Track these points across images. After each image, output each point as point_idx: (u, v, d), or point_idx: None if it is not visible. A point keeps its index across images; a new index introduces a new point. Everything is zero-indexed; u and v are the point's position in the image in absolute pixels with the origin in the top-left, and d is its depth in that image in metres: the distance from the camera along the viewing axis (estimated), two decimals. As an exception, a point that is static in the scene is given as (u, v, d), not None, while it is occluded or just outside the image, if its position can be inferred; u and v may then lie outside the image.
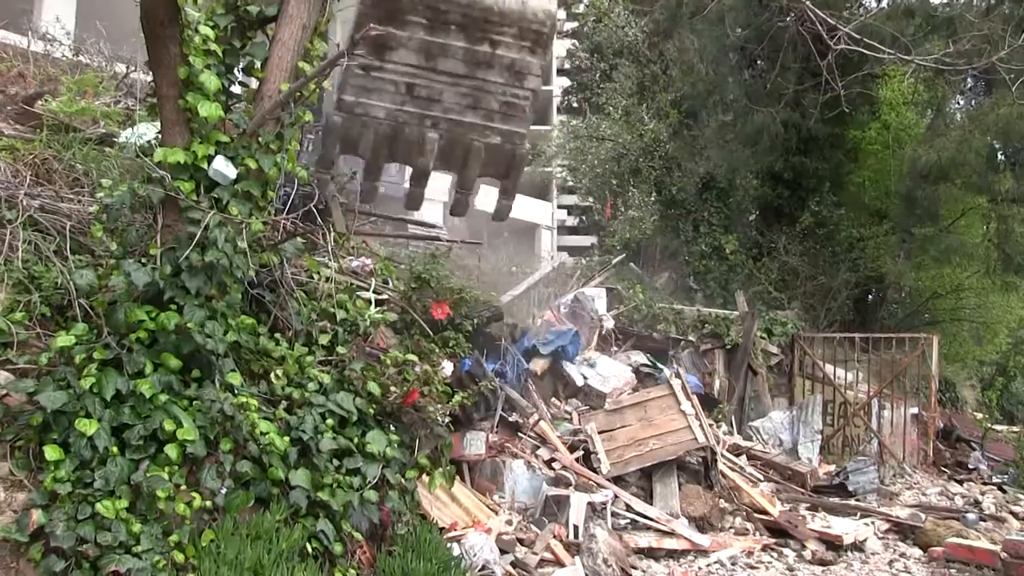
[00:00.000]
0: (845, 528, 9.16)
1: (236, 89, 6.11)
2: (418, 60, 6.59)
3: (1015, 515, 10.78)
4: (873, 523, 9.64)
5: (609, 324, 12.29)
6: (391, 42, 6.40)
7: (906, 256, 17.55)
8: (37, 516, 4.57)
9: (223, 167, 5.54)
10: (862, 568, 8.42)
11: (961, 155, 15.19)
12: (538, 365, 10.14)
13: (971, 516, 10.03)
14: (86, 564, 4.57)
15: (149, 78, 6.18)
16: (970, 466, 13.72)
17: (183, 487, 5.05)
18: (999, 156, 17.27)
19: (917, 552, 8.98)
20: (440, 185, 27.77)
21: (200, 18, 5.71)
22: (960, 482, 12.76)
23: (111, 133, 7.81)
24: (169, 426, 5.07)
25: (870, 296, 19.54)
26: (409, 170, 7.69)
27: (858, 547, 8.94)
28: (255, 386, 5.92)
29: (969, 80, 17.45)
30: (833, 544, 8.83)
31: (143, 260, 5.40)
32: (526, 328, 10.27)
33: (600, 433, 9.49)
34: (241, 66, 5.99)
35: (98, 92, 8.75)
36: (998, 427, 17.42)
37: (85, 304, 5.44)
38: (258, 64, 5.99)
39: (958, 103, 19.25)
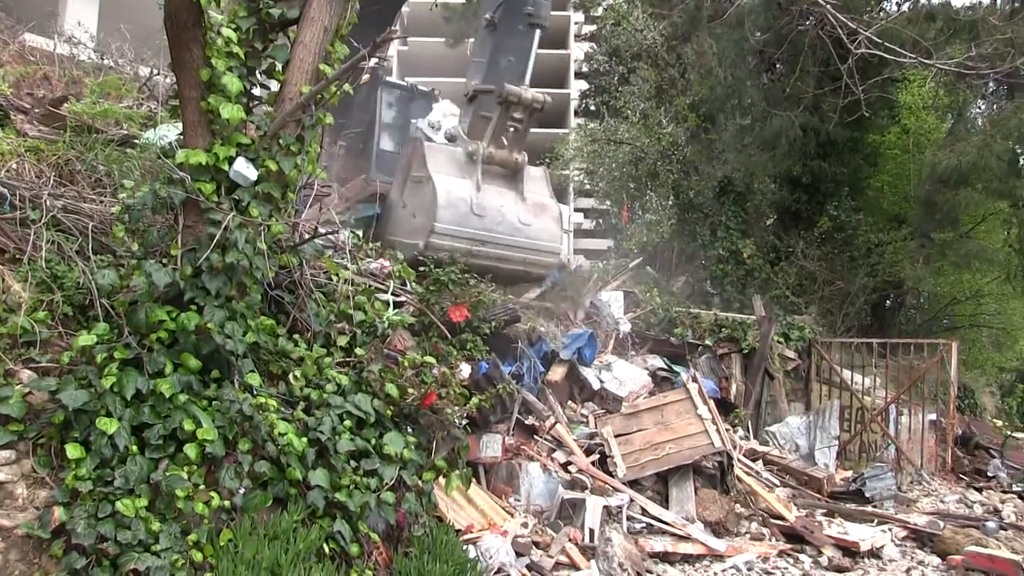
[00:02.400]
0: (862, 535, 9.10)
1: (258, 92, 6.14)
2: None
3: (1035, 524, 10.68)
4: (890, 530, 9.56)
5: (625, 328, 12.27)
6: None
7: (925, 261, 17.47)
8: (59, 513, 4.63)
9: (244, 169, 5.58)
10: (879, 575, 8.38)
11: (982, 160, 15.09)
12: (556, 373, 10.13)
13: (991, 525, 9.93)
14: (106, 562, 4.61)
15: (172, 80, 6.24)
16: (989, 474, 13.59)
17: (202, 487, 5.09)
18: (1021, 161, 17.17)
19: (935, 560, 8.89)
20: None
21: (222, 21, 5.77)
22: (979, 490, 12.64)
23: (133, 135, 7.88)
24: (188, 426, 5.11)
25: (888, 301, 19.44)
26: None
27: (875, 554, 8.88)
28: (274, 387, 5.96)
29: (991, 84, 17.37)
30: (850, 551, 8.77)
31: (164, 261, 5.45)
32: (543, 333, 10.26)
33: (616, 437, 9.48)
34: (263, 68, 6.03)
35: (121, 94, 8.83)
36: (1018, 434, 17.23)
37: (106, 304, 5.49)
38: (279, 67, 6.02)
39: (979, 107, 19.16)
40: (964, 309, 19.20)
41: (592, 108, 33.64)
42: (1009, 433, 16.96)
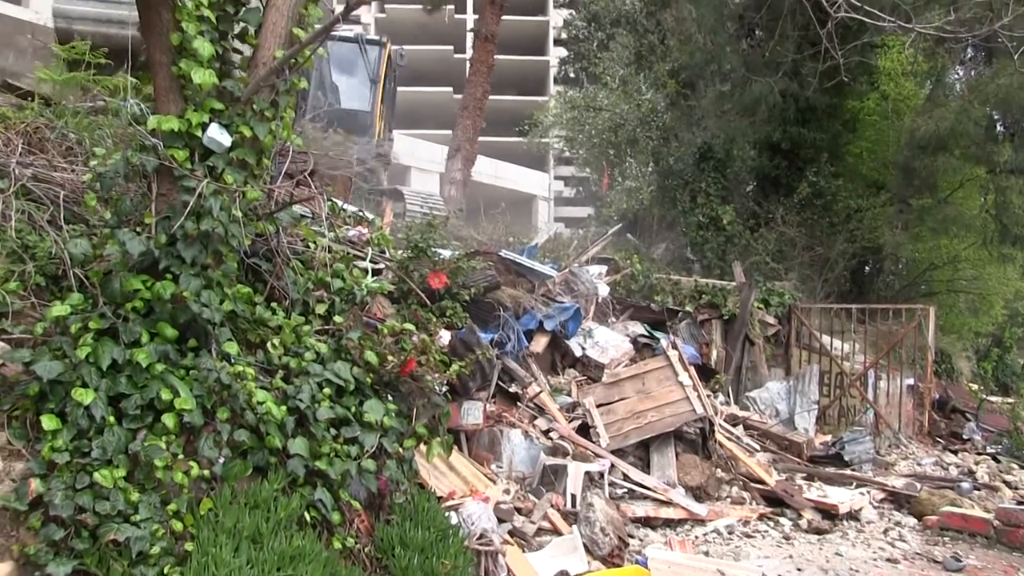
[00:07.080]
0: (841, 497, 9.20)
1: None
2: None
3: (1008, 484, 10.85)
4: (869, 492, 9.68)
5: (604, 292, 12.23)
6: None
7: (903, 227, 17.55)
8: (36, 485, 4.57)
9: (217, 135, 5.49)
10: (857, 536, 8.47)
11: (960, 125, 15.14)
12: (539, 343, 10.09)
13: (965, 485, 10.09)
14: (85, 533, 4.57)
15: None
16: (964, 436, 13.79)
17: (181, 456, 5.04)
18: (998, 127, 17.23)
19: (912, 521, 9.03)
20: (436, 155, 27.77)
21: (193, -17, 5.63)
22: (955, 452, 12.82)
23: (105, 102, 7.73)
24: (166, 395, 5.05)
25: (867, 267, 19.56)
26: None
27: (854, 516, 8.99)
28: (252, 355, 5.90)
29: (969, 50, 17.38)
30: (829, 513, 8.87)
31: (138, 229, 5.36)
32: (529, 305, 10.20)
33: (598, 407, 9.49)
34: (235, 32, 5.91)
35: (90, 60, 8.63)
36: (993, 398, 17.46)
37: (80, 274, 5.40)
38: (252, 30, 5.91)
39: (957, 73, 19.17)
40: (942, 275, 19.32)
41: (571, 75, 33.50)
42: (984, 397, 17.18)
